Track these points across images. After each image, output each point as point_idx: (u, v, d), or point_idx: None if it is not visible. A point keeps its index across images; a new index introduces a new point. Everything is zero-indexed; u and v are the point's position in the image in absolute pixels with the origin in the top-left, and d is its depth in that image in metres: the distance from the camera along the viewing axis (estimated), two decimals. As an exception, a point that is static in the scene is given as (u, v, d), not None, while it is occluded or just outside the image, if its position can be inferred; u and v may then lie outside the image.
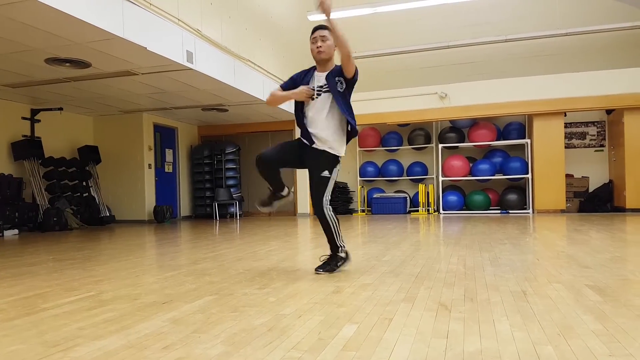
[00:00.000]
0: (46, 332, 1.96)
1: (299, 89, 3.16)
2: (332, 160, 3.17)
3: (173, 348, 1.72)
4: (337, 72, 3.15)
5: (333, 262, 3.22)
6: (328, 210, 3.15)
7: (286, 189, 3.44)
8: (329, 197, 3.16)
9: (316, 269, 3.20)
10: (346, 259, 3.27)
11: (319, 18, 10.56)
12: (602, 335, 1.75)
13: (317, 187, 3.15)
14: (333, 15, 2.99)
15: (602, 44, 10.50)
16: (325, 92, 3.14)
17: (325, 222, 3.16)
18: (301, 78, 3.26)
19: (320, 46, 3.14)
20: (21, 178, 7.93)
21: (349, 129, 3.20)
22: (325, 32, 3.15)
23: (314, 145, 3.18)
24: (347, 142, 3.25)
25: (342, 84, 3.12)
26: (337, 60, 3.19)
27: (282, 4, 9.97)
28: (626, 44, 10.35)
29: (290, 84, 3.26)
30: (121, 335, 1.89)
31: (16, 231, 7.48)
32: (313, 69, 3.27)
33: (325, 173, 3.14)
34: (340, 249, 3.22)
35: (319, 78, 3.18)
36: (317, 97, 3.16)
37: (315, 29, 3.18)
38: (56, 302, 2.53)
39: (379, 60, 11.72)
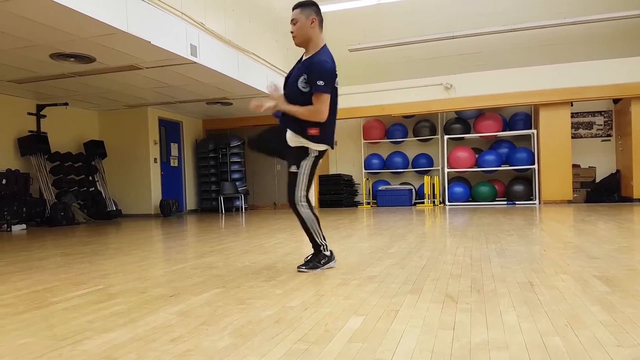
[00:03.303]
0: (55, 326, 1.98)
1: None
2: (300, 154, 2.91)
3: (181, 340, 1.73)
4: (308, 66, 2.85)
5: (315, 260, 3.03)
6: (301, 207, 2.94)
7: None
8: (304, 193, 2.94)
9: (298, 267, 3.03)
10: (330, 257, 3.07)
11: (322, 10, 10.49)
12: (610, 325, 1.74)
13: (288, 182, 2.97)
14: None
15: (609, 33, 10.37)
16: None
17: (300, 219, 2.98)
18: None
19: (292, 31, 2.91)
20: (28, 173, 7.98)
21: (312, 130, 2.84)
22: (295, 13, 2.89)
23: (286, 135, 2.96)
24: (314, 141, 2.88)
25: (305, 85, 2.83)
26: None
27: (285, -4, 9.93)
28: (634, 33, 10.22)
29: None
30: (129, 328, 1.90)
31: (24, 226, 7.54)
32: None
33: (293, 168, 2.94)
34: (322, 246, 3.04)
35: (298, 67, 2.98)
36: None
37: (292, 9, 2.94)
38: (65, 296, 2.55)
39: (383, 51, 11.65)
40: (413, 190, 11.05)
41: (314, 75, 2.80)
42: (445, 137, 10.75)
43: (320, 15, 2.95)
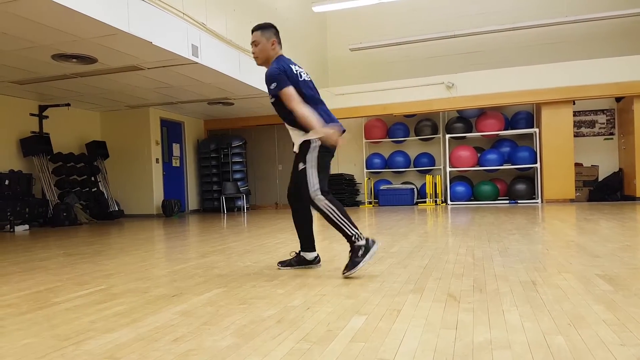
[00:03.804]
0: (58, 326, 1.98)
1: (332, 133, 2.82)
2: (304, 149, 2.91)
3: (183, 340, 1.73)
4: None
5: (353, 257, 2.78)
6: (319, 201, 2.84)
7: (314, 254, 3.11)
8: (317, 187, 2.85)
9: (343, 272, 2.80)
10: (367, 246, 2.79)
11: (323, 10, 10.51)
12: (613, 324, 1.74)
13: (300, 182, 2.92)
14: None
15: (611, 31, 10.35)
16: None
17: (322, 214, 2.85)
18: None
19: (253, 52, 3.04)
20: (31, 174, 8.00)
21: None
22: (255, 36, 3.00)
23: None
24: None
25: (270, 97, 2.96)
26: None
27: (286, -4, 9.93)
28: (636, 31, 10.20)
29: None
30: (132, 328, 1.90)
31: (27, 226, 7.56)
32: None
33: (301, 165, 2.90)
34: (354, 237, 2.79)
35: None
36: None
37: (252, 32, 3.03)
38: (67, 296, 2.56)
39: (385, 50, 11.65)
40: (415, 189, 11.04)
41: (267, 85, 2.93)
42: (447, 136, 10.74)
43: (279, 36, 3.09)
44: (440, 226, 5.77)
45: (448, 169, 10.62)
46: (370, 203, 11.34)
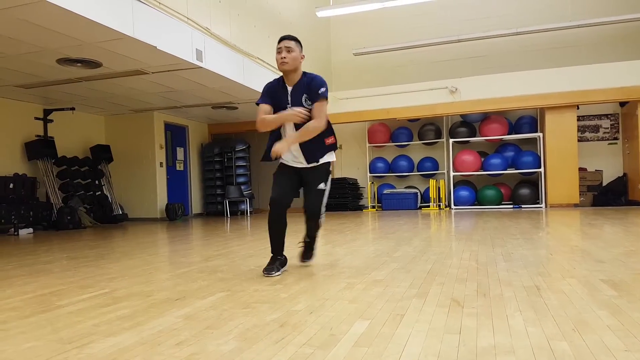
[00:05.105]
0: (61, 329, 1.98)
1: (292, 112, 2.94)
2: (325, 173, 3.19)
3: (186, 344, 1.73)
4: (303, 87, 3.03)
5: (309, 251, 3.42)
6: (322, 217, 3.24)
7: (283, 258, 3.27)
8: (324, 209, 3.23)
9: (304, 260, 3.41)
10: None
11: (327, 14, 10.55)
12: (617, 330, 1.73)
13: (315, 198, 3.15)
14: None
15: (615, 36, 10.34)
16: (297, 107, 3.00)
17: (317, 227, 3.26)
18: (274, 91, 3.10)
19: (285, 57, 2.99)
20: (35, 177, 8.04)
21: (329, 139, 3.14)
22: (291, 43, 3.02)
23: (308, 165, 3.12)
24: (330, 151, 3.16)
25: (308, 102, 3.02)
26: (308, 67, 3.11)
27: (290, 1, 9.96)
28: (639, 35, 10.18)
29: (268, 99, 3.08)
30: (135, 332, 1.90)
31: (31, 230, 7.59)
32: (282, 80, 3.11)
33: (322, 185, 3.15)
34: (315, 244, 3.44)
35: (291, 93, 3.06)
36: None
37: (282, 39, 3.04)
38: (71, 299, 2.56)
39: (388, 55, 11.67)
40: (418, 193, 11.03)
41: (317, 84, 3.02)
42: (451, 140, 10.73)
43: None
44: (443, 231, 5.76)
45: (452, 174, 10.60)
46: (373, 207, 11.32)
